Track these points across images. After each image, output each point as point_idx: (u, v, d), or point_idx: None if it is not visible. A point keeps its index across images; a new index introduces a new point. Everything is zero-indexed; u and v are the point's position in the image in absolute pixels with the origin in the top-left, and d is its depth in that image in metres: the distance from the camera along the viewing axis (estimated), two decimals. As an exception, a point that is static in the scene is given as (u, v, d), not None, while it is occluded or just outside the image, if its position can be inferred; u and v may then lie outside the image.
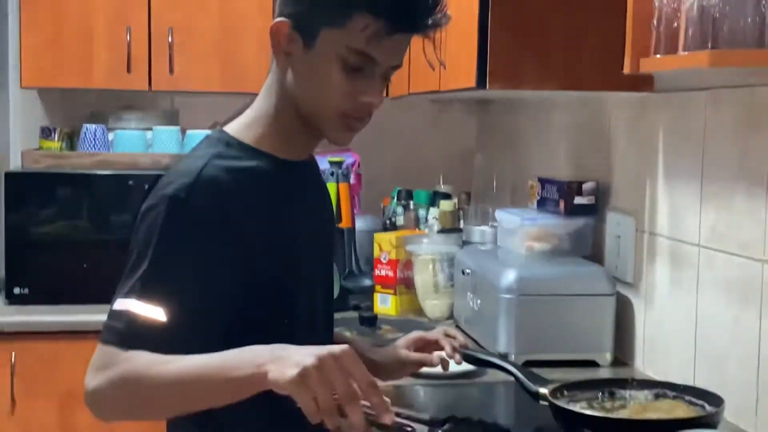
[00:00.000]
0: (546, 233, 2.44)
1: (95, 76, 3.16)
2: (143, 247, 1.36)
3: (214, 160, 1.41)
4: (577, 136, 2.68)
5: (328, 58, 1.41)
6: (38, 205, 2.99)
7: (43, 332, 2.84)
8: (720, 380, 1.88)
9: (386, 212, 3.43)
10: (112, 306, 1.36)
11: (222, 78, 3.23)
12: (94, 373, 1.34)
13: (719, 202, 1.93)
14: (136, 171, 3.05)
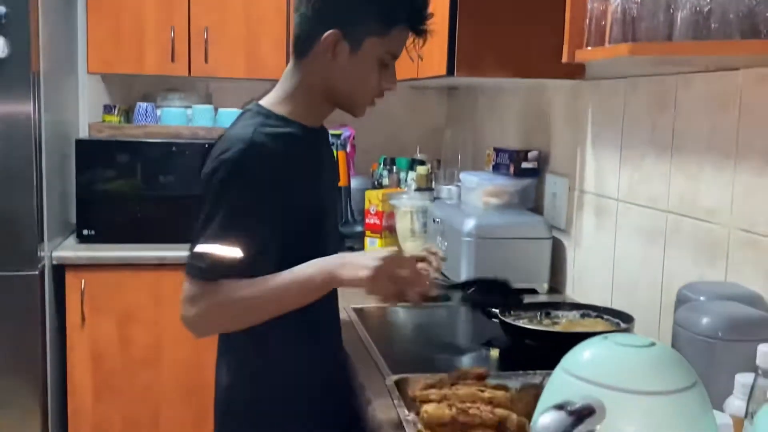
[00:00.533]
0: (499, 191, 2.44)
1: (146, 65, 3.13)
2: (214, 202, 1.37)
3: (259, 128, 1.43)
4: (524, 115, 2.67)
5: (370, 60, 1.45)
6: (101, 166, 2.97)
7: (105, 264, 2.84)
8: (631, 303, 1.90)
9: (374, 175, 3.42)
10: (193, 249, 1.38)
11: (246, 67, 3.20)
12: (189, 303, 1.38)
13: (634, 165, 1.93)
14: (178, 140, 3.03)
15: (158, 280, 2.88)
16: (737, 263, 1.54)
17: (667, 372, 0.80)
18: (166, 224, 3.00)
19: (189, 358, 2.91)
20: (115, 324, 2.86)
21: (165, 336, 2.90)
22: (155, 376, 2.90)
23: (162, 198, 3.01)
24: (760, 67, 1.47)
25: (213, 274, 1.36)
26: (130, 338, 2.87)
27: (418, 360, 1.72)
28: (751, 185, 1.50)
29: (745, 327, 1.27)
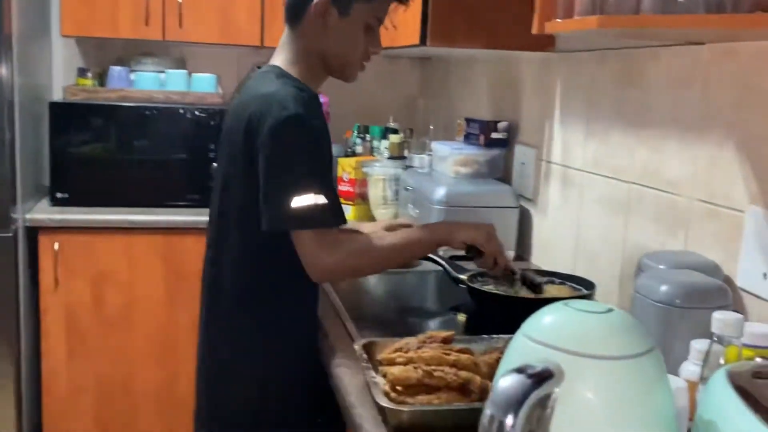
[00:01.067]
0: (469, 160, 2.44)
1: (121, 28, 3.06)
2: (291, 156, 1.41)
3: (294, 89, 1.47)
4: (495, 86, 2.66)
5: (357, 25, 1.54)
6: (75, 129, 2.91)
7: (78, 227, 2.80)
8: (594, 271, 1.91)
9: (348, 142, 3.40)
10: (292, 200, 1.39)
11: (220, 32, 3.15)
12: (327, 252, 1.43)
13: (599, 138, 1.93)
14: (151, 104, 2.99)
15: (131, 243, 2.85)
16: (697, 233, 1.55)
17: (624, 337, 0.80)
18: (140, 188, 2.97)
19: (161, 320, 2.89)
20: (88, 286, 2.83)
21: (138, 298, 2.88)
22: (128, 337, 2.89)
23: (136, 162, 2.97)
24: (724, 41, 1.47)
25: (337, 220, 1.43)
26: (104, 300, 2.85)
27: (387, 324, 1.72)
28: (712, 158, 1.51)
29: (702, 295, 1.29)
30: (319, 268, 1.45)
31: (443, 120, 3.16)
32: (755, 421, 0.73)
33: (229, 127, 1.55)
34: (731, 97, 1.45)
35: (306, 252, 1.43)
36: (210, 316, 1.63)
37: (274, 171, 1.41)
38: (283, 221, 1.41)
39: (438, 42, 2.09)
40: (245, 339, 1.57)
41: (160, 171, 2.99)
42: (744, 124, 1.42)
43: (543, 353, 0.79)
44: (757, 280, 1.36)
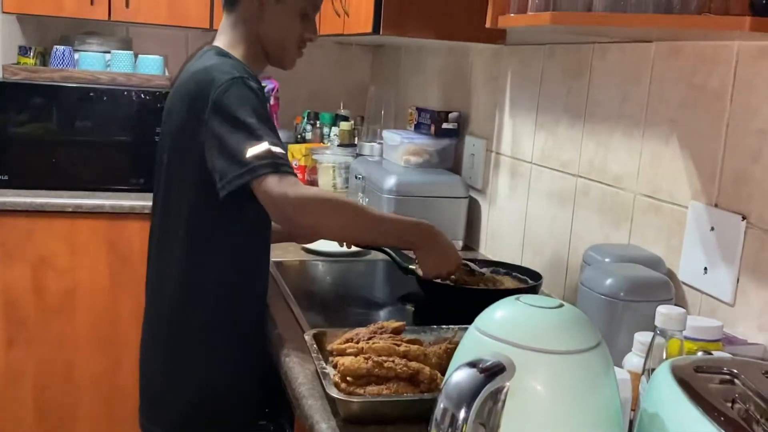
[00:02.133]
0: (419, 149, 2.45)
1: (65, 6, 2.97)
2: (239, 113, 1.36)
3: (235, 61, 1.47)
4: (446, 76, 2.67)
5: (293, 11, 1.55)
6: (16, 110, 2.82)
7: (19, 210, 2.72)
8: (540, 262, 1.95)
9: (298, 129, 3.38)
10: (248, 152, 1.34)
11: (169, 13, 3.08)
12: (290, 188, 1.34)
13: (548, 130, 1.96)
14: (95, 85, 2.90)
15: (73, 227, 2.78)
16: (640, 227, 1.59)
17: (573, 332, 0.82)
18: (83, 171, 2.90)
19: (103, 307, 2.83)
20: (29, 271, 2.75)
21: (80, 284, 2.81)
22: (69, 325, 2.82)
23: (79, 144, 2.89)
24: (671, 40, 1.50)
25: (284, 167, 1.36)
26: (44, 286, 2.78)
27: (337, 313, 1.72)
28: (656, 153, 1.54)
29: (645, 288, 1.32)
30: (286, 205, 1.35)
31: (394, 108, 3.16)
32: (697, 413, 0.75)
33: (170, 107, 1.53)
34: (676, 95, 1.49)
35: (271, 194, 1.34)
36: (153, 301, 1.61)
37: (225, 132, 1.37)
38: (240, 174, 1.35)
39: (391, 31, 2.09)
40: (188, 327, 1.54)
41: (104, 154, 2.92)
42: (687, 122, 1.46)
43: (495, 347, 0.80)
44: (698, 275, 1.41)
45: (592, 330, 0.84)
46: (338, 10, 2.41)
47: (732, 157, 1.35)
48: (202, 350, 1.54)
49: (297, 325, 1.57)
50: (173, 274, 1.53)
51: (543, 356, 0.79)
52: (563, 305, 0.85)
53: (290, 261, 2.07)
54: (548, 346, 0.79)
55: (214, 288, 1.53)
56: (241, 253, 1.53)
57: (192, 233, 1.50)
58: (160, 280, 1.57)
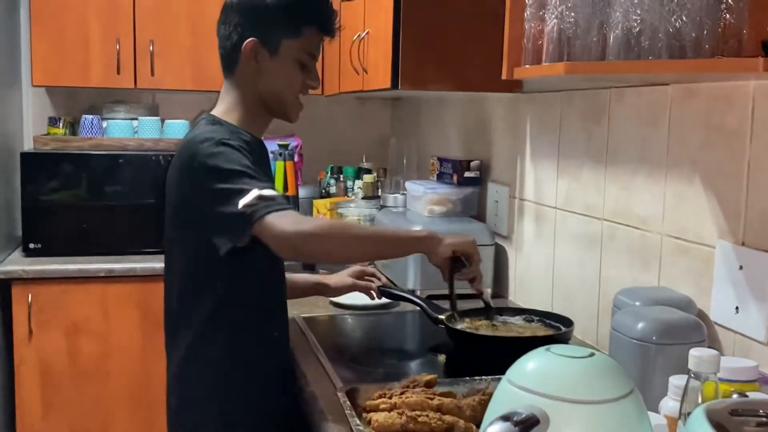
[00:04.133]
0: (443, 199, 2.46)
1: (92, 77, 3.07)
2: (228, 167, 1.41)
3: (223, 129, 1.51)
4: (466, 125, 2.70)
5: (289, 61, 1.57)
6: (47, 179, 2.90)
7: (52, 278, 2.77)
8: (571, 307, 1.94)
9: (322, 183, 3.42)
10: (240, 203, 1.39)
11: (192, 79, 3.17)
12: (288, 223, 1.38)
13: (571, 175, 1.97)
14: (124, 151, 2.99)
15: (106, 292, 2.83)
16: (669, 268, 1.58)
17: (605, 381, 0.82)
18: (114, 236, 2.96)
19: (137, 369, 2.86)
20: (63, 337, 2.80)
21: (113, 348, 2.85)
22: (104, 388, 2.85)
23: (109, 210, 2.96)
24: (687, 83, 1.52)
25: (280, 206, 1.40)
26: (79, 351, 2.81)
27: (368, 367, 1.72)
28: (680, 194, 1.55)
29: (677, 331, 1.32)
30: (289, 239, 1.38)
31: (416, 159, 3.19)
32: (735, 459, 0.75)
33: (169, 179, 1.58)
34: (695, 136, 1.50)
35: (273, 232, 1.38)
36: (171, 353, 1.64)
37: (215, 194, 1.42)
38: (238, 227, 1.40)
39: (410, 86, 2.13)
40: (202, 375, 1.57)
41: (134, 218, 2.98)
42: (709, 162, 1.47)
43: (528, 399, 0.80)
44: (730, 314, 1.40)
45: (624, 378, 0.84)
46: (357, 68, 2.46)
47: (756, 195, 1.35)
48: (218, 394, 1.55)
49: (328, 380, 1.58)
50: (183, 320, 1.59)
51: (576, 407, 0.79)
52: (594, 354, 0.85)
53: (320, 316, 2.08)
54: (581, 396, 0.79)
55: (226, 329, 1.55)
56: (247, 292, 1.56)
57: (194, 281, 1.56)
58: (173, 328, 1.63)
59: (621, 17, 1.25)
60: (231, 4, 1.58)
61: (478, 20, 2.07)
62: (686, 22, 1.22)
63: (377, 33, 2.30)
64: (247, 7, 1.56)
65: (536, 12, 1.39)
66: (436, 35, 2.10)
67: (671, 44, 1.23)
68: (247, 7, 1.56)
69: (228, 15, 1.58)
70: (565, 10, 1.31)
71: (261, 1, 1.55)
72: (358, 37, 2.44)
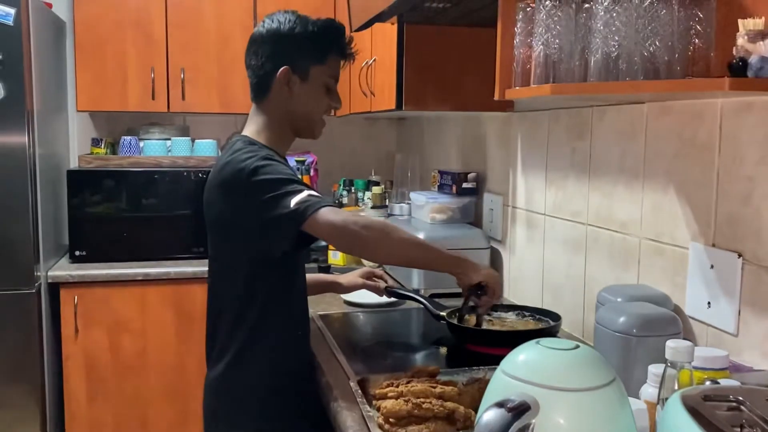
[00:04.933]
0: (444, 207, 2.46)
1: (130, 102, 3.09)
2: (275, 177, 1.41)
3: (258, 147, 1.50)
4: (463, 142, 2.70)
5: (317, 85, 1.58)
6: (90, 193, 2.91)
7: (96, 281, 2.78)
8: (559, 304, 1.93)
9: (335, 195, 3.42)
10: (291, 203, 1.37)
11: (219, 103, 3.18)
12: (350, 216, 1.39)
13: (558, 185, 1.96)
14: (159, 168, 3.00)
15: (144, 294, 2.83)
16: (647, 268, 1.57)
17: (590, 371, 0.82)
18: (150, 244, 2.97)
19: (173, 363, 2.86)
20: (105, 335, 2.80)
21: (151, 344, 2.85)
22: (143, 381, 2.85)
23: (146, 220, 2.97)
24: (661, 101, 1.51)
25: (326, 205, 1.39)
26: (120, 347, 2.82)
27: (378, 359, 1.71)
28: (657, 201, 1.54)
29: (655, 324, 1.31)
30: (342, 226, 1.36)
31: (419, 172, 3.19)
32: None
33: (208, 198, 1.56)
34: (669, 149, 1.49)
35: (326, 223, 1.36)
36: (218, 356, 1.62)
37: (266, 203, 1.40)
38: (290, 225, 1.37)
39: (412, 106, 2.14)
40: (239, 357, 1.55)
41: (168, 227, 2.98)
42: (682, 172, 1.46)
43: (520, 388, 0.80)
44: (702, 309, 1.39)
45: (606, 367, 0.83)
46: (365, 91, 2.46)
47: (724, 201, 1.34)
48: (251, 374, 1.54)
49: (342, 371, 1.57)
50: (222, 313, 1.57)
51: (564, 394, 0.78)
52: (579, 346, 0.85)
53: (334, 313, 2.08)
54: (568, 384, 0.79)
55: (255, 323, 1.54)
56: (289, 304, 1.56)
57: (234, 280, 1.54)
58: (214, 322, 1.60)
59: (601, 43, 1.24)
60: (261, 36, 1.57)
61: (472, 47, 2.07)
62: (659, 47, 1.22)
63: (383, 60, 2.30)
64: (278, 39, 1.55)
65: (524, 39, 1.38)
66: (435, 61, 2.10)
67: (646, 67, 1.22)
68: (278, 39, 1.55)
69: (258, 46, 1.57)
70: (551, 38, 1.31)
71: (290, 32, 1.54)
72: (366, 63, 2.44)
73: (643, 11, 1.21)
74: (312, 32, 1.55)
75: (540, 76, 1.33)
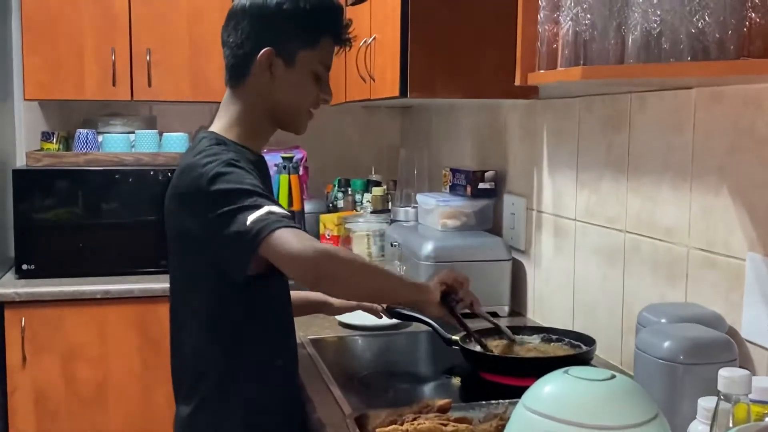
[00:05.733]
0: (456, 212, 2.46)
1: (86, 89, 3.10)
2: (234, 187, 1.41)
3: (224, 151, 1.49)
4: (479, 134, 2.71)
5: (305, 73, 1.57)
6: (40, 197, 2.92)
7: (46, 300, 2.79)
8: (593, 325, 1.93)
9: (329, 197, 3.43)
10: (247, 220, 1.37)
11: (191, 89, 3.19)
12: (308, 241, 1.38)
13: (590, 185, 1.96)
14: (120, 167, 3.01)
15: (103, 314, 2.84)
16: (696, 283, 1.57)
17: (627, 405, 0.82)
18: (110, 256, 2.97)
19: (137, 396, 2.87)
20: (58, 362, 2.81)
21: (112, 373, 2.85)
22: (102, 416, 2.85)
23: (105, 227, 2.98)
24: (712, 86, 1.51)
25: (287, 223, 1.39)
26: (75, 377, 2.82)
27: (379, 392, 1.72)
28: (707, 205, 1.54)
29: (706, 350, 1.31)
30: (303, 257, 1.35)
31: (427, 170, 3.19)
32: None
33: (168, 206, 1.56)
34: (722, 142, 1.50)
35: (285, 250, 1.35)
36: (186, 394, 1.62)
37: (221, 217, 1.40)
38: (246, 247, 1.37)
39: (419, 94, 2.14)
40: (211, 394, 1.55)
41: (132, 236, 2.99)
42: (737, 169, 1.46)
43: (545, 426, 0.80)
44: (762, 331, 1.39)
45: (648, 401, 0.83)
46: (363, 75, 2.47)
47: (787, 203, 1.34)
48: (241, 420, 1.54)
49: (337, 406, 1.57)
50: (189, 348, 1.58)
51: (597, 433, 0.78)
52: (615, 376, 0.85)
53: (327, 337, 2.08)
54: (601, 421, 0.79)
55: (228, 357, 1.55)
56: (250, 322, 1.55)
57: (199, 309, 1.55)
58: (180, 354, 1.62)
59: (640, 18, 1.25)
60: (242, 9, 1.55)
61: (490, 22, 2.07)
62: (709, 22, 1.22)
63: (384, 38, 2.31)
64: (261, 15, 1.53)
65: (550, 14, 1.39)
66: (446, 39, 2.10)
67: (693, 45, 1.22)
68: (262, 15, 1.53)
69: (238, 21, 1.55)
70: (581, 12, 1.31)
71: (277, 9, 1.52)
72: (365, 42, 2.45)
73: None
74: (303, 10, 1.53)
75: (569, 58, 1.34)
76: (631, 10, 1.26)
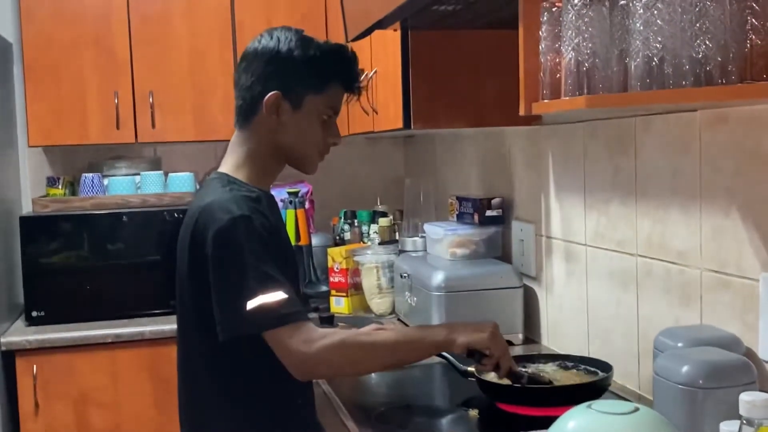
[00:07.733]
0: (465, 240, 2.47)
1: (90, 134, 3.12)
2: (237, 259, 1.45)
3: (238, 191, 1.54)
4: (484, 162, 2.72)
5: (312, 117, 1.60)
6: (48, 242, 2.93)
7: (57, 347, 2.79)
8: (609, 351, 1.92)
9: (336, 230, 3.43)
10: (246, 307, 1.43)
11: (195, 129, 3.21)
12: (305, 344, 1.44)
13: (599, 209, 1.97)
14: (127, 209, 3.02)
15: (115, 358, 2.83)
16: (711, 305, 1.57)
17: (653, 438, 0.82)
18: (120, 298, 2.98)
19: (153, 439, 2.85)
20: (71, 409, 2.80)
21: (125, 419, 2.84)
22: (117, 462, 2.84)
23: (113, 270, 2.98)
24: (717, 108, 1.53)
25: (293, 317, 1.45)
26: (89, 424, 2.81)
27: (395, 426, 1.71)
28: (718, 226, 1.55)
29: (725, 373, 1.31)
30: (297, 363, 1.46)
31: (433, 199, 3.19)
32: None
33: (181, 246, 1.59)
34: (729, 162, 1.50)
35: (281, 350, 1.45)
36: (187, 419, 1.63)
37: (223, 278, 1.45)
38: (240, 325, 1.44)
39: (422, 124, 2.16)
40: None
41: (140, 278, 3.00)
42: (746, 189, 1.47)
43: (570, 462, 0.80)
44: (780, 351, 1.38)
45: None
46: (366, 108, 2.49)
47: (798, 222, 1.35)
48: None
49: (354, 443, 1.57)
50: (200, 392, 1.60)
51: (623, 467, 0.78)
52: (638, 409, 0.85)
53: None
54: (627, 455, 0.79)
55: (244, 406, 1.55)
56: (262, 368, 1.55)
57: (211, 356, 1.57)
58: (190, 400, 1.64)
59: (641, 45, 1.26)
60: (254, 52, 1.59)
61: (490, 52, 2.09)
62: (710, 46, 1.23)
63: (386, 71, 2.33)
64: (272, 58, 1.57)
65: (551, 44, 1.40)
66: (446, 70, 2.13)
67: (696, 70, 1.24)
68: (272, 58, 1.57)
69: (249, 63, 1.60)
70: (582, 42, 1.32)
71: (288, 53, 1.57)
72: (366, 76, 2.47)
73: (688, 6, 1.23)
74: (312, 56, 1.57)
75: (572, 87, 1.35)
76: (632, 37, 1.27)
